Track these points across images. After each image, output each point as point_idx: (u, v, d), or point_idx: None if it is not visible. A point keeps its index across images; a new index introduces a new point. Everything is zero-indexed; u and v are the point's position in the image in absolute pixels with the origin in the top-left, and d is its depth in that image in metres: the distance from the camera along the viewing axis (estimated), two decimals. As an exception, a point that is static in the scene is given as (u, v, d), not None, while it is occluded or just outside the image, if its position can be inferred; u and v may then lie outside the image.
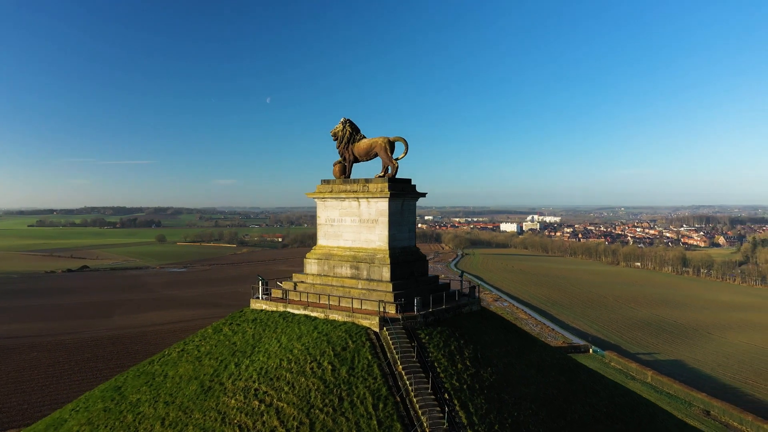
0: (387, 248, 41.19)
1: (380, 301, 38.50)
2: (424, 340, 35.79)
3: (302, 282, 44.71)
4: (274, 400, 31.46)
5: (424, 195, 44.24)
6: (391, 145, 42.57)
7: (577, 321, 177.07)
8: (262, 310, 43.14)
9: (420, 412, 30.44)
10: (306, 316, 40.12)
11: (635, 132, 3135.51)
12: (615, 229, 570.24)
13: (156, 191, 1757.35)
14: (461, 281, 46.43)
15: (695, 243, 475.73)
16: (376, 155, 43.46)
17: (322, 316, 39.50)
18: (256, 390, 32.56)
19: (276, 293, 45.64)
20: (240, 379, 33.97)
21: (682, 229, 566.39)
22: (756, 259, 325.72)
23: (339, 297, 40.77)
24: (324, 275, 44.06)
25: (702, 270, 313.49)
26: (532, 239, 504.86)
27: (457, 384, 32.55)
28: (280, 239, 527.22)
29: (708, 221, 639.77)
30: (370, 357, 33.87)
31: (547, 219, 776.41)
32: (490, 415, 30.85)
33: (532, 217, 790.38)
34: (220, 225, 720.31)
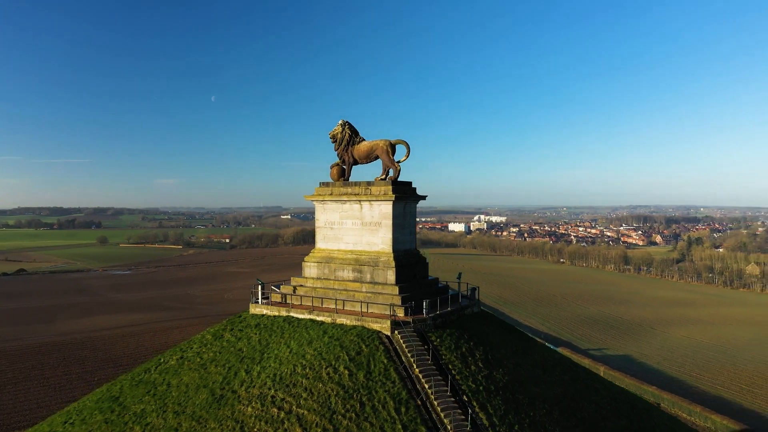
0: (391, 251, 41.20)
1: (391, 305, 38.47)
2: (435, 343, 35.99)
3: (302, 286, 44.05)
4: (293, 407, 30.90)
5: (424, 198, 44.48)
6: (393, 147, 42.67)
7: (529, 319, 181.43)
8: (263, 315, 42.20)
9: (442, 414, 30.61)
10: (312, 320, 39.57)
11: (575, 133, 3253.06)
12: (559, 228, 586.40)
13: (95, 191, 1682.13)
14: (459, 283, 47.01)
15: (634, 242, 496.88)
16: (376, 158, 43.42)
17: (329, 320, 39.03)
18: (272, 397, 31.87)
19: (275, 297, 44.80)
20: (253, 386, 33.16)
21: (621, 228, 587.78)
22: (691, 256, 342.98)
23: (343, 300, 40.43)
24: (325, 278, 43.60)
25: (642, 268, 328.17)
26: (480, 239, 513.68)
27: (473, 386, 32.94)
28: (227, 240, 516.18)
29: (645, 221, 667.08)
30: (385, 361, 33.76)
31: (494, 219, 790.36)
32: (509, 416, 31.39)
33: (479, 217, 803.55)
34: (164, 226, 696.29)
